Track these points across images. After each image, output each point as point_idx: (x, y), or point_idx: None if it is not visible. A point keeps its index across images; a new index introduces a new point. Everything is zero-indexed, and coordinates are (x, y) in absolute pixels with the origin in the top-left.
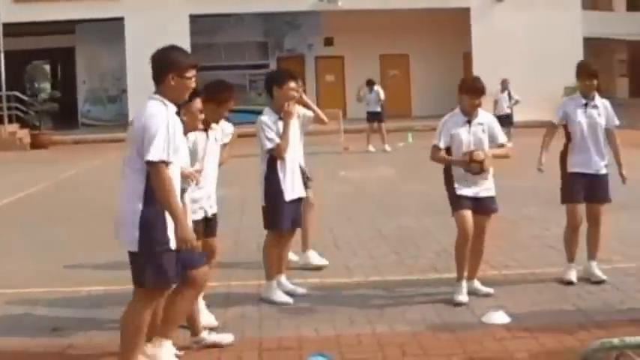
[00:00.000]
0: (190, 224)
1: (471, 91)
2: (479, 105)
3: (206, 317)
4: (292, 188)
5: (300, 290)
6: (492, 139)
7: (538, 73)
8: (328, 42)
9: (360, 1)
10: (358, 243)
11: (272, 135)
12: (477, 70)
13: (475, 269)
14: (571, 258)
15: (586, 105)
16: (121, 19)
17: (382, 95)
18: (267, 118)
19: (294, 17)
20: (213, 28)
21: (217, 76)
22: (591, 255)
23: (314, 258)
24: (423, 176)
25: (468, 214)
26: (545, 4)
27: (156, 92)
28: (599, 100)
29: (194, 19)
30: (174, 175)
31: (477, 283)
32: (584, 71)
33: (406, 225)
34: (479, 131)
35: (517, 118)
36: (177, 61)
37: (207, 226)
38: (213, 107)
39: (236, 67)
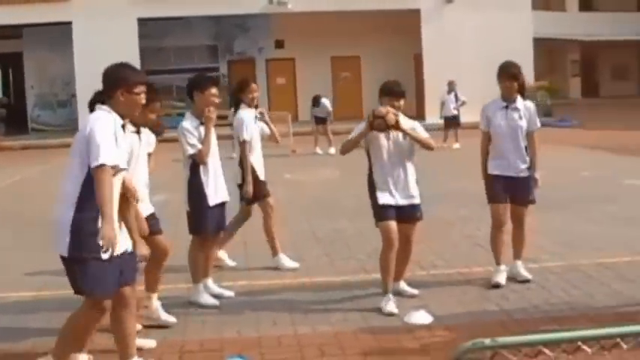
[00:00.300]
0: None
1: (390, 93)
2: (399, 108)
3: None
4: (215, 193)
5: (228, 293)
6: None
7: (489, 74)
8: (279, 44)
9: (310, 3)
10: (291, 245)
11: (194, 140)
12: (427, 72)
13: (402, 272)
14: (498, 261)
15: (506, 107)
16: (68, 24)
17: (329, 107)
18: (188, 123)
19: (244, 20)
20: (162, 32)
21: (167, 80)
22: (516, 255)
23: (285, 261)
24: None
25: (391, 224)
26: (495, 5)
27: (105, 104)
28: (520, 103)
29: (143, 22)
30: (115, 183)
31: (402, 285)
32: (503, 73)
33: (341, 227)
34: (399, 137)
35: (468, 119)
36: (126, 78)
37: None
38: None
39: (186, 70)
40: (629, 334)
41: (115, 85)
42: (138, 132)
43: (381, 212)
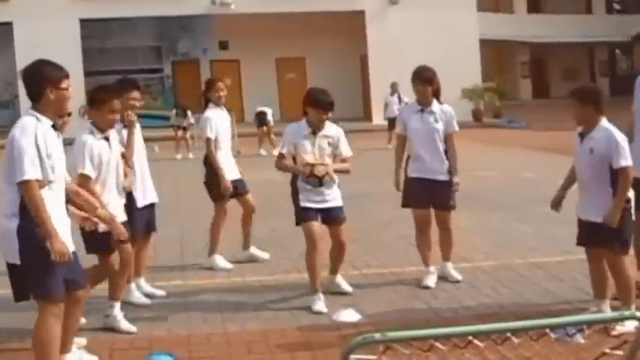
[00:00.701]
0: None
1: (317, 104)
2: (326, 119)
3: None
4: (144, 195)
5: (159, 292)
6: (337, 153)
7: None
8: (223, 46)
9: (253, 5)
10: (227, 245)
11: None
12: (373, 73)
13: (337, 268)
14: (425, 263)
15: (422, 111)
16: (9, 24)
17: (270, 116)
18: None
19: (188, 21)
20: (105, 33)
21: (110, 82)
22: (445, 257)
23: (220, 261)
24: None
25: (314, 224)
26: (440, 6)
27: (33, 108)
28: (437, 107)
29: (85, 23)
30: (54, 193)
31: (339, 279)
32: (416, 77)
33: (279, 227)
34: (324, 143)
35: None
36: (52, 75)
37: None
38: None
39: (129, 71)
40: (518, 329)
41: (42, 85)
42: (107, 138)
43: (302, 214)
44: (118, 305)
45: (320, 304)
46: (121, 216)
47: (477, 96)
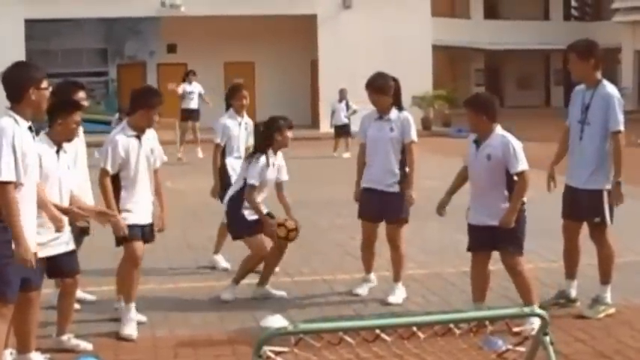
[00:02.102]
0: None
1: (279, 129)
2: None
3: None
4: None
5: (89, 297)
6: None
7: None
8: (171, 49)
9: (203, 7)
10: (162, 252)
11: None
12: (322, 79)
13: (267, 278)
14: (367, 269)
15: (380, 118)
16: None
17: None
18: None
19: (135, 23)
20: (50, 34)
21: (54, 84)
22: (395, 277)
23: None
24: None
25: (262, 237)
26: (394, 12)
27: (11, 109)
28: (394, 114)
29: (30, 24)
30: (27, 194)
31: (268, 288)
32: (368, 86)
33: (214, 235)
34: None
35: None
36: (34, 76)
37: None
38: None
39: (74, 74)
40: (424, 323)
41: (26, 86)
42: (138, 136)
43: (249, 228)
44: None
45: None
46: (148, 218)
47: (426, 104)
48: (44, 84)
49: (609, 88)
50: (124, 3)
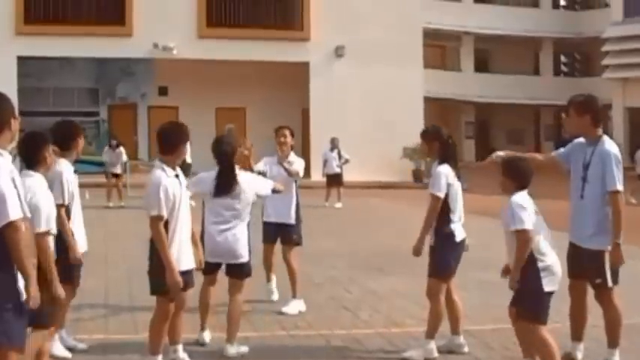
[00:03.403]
0: None
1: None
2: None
3: None
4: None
5: (81, 346)
6: None
7: (377, 132)
8: (162, 91)
9: (196, 51)
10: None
11: None
12: (314, 127)
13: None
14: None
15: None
16: None
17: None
18: None
19: (128, 64)
20: (42, 72)
21: (45, 123)
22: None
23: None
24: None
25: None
26: (386, 62)
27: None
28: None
29: (22, 61)
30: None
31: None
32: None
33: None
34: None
35: (355, 177)
36: (12, 106)
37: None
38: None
39: (65, 113)
40: None
41: (8, 117)
42: (177, 175)
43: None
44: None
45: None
46: (191, 262)
47: (418, 156)
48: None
49: (607, 144)
50: (117, 43)
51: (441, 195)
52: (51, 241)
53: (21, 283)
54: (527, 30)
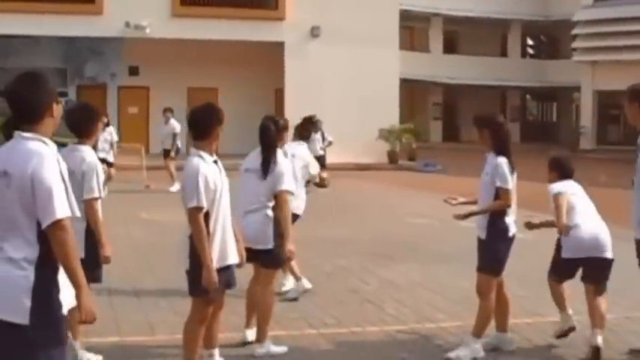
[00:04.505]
0: None
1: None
2: None
3: None
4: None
5: (95, 358)
6: None
7: (353, 113)
8: (133, 71)
9: (170, 30)
10: (162, 295)
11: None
12: (288, 108)
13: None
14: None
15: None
16: None
17: (177, 129)
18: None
19: (97, 43)
20: (7, 51)
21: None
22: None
23: None
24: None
25: None
26: (362, 43)
27: (33, 131)
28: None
29: None
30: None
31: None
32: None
33: None
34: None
35: (331, 159)
36: (53, 90)
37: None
38: None
39: None
40: None
41: (50, 101)
42: (216, 161)
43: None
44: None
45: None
46: (235, 257)
47: (394, 137)
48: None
49: None
50: (87, 22)
51: (510, 187)
52: (99, 205)
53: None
54: (496, 12)
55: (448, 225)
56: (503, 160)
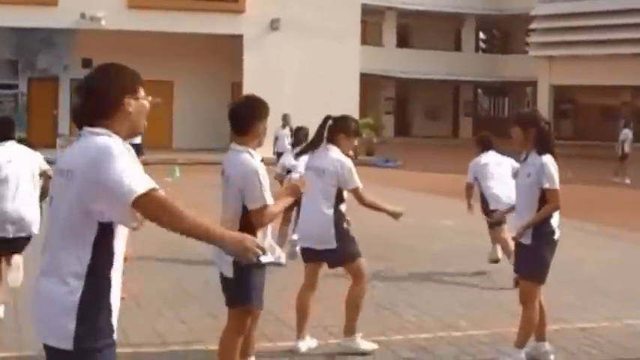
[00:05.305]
0: None
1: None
2: None
3: None
4: None
5: None
6: None
7: (312, 108)
8: (86, 64)
9: (125, 21)
10: (166, 302)
11: None
12: None
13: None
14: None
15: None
16: None
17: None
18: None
19: (49, 35)
20: None
21: None
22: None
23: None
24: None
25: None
26: (323, 37)
27: (98, 126)
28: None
29: None
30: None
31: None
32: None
33: (214, 280)
34: None
35: None
36: (128, 81)
37: None
38: None
39: None
40: None
41: (119, 95)
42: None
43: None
44: None
45: None
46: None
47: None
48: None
49: None
50: (41, 12)
51: (558, 188)
52: None
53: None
54: (451, 6)
55: (426, 223)
56: (549, 160)
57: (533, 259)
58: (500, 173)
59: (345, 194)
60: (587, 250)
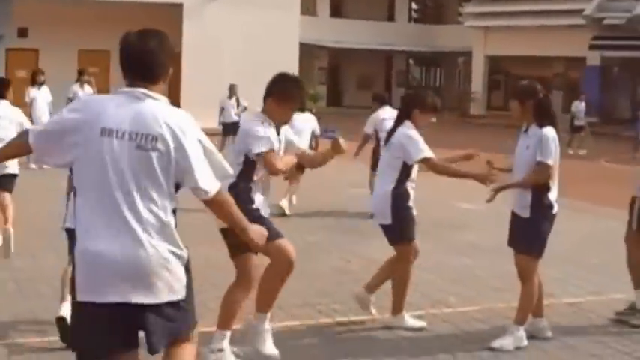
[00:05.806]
0: None
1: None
2: None
3: None
4: None
5: None
6: None
7: (253, 78)
8: (22, 33)
9: None
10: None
11: None
12: (186, 73)
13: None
14: None
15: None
16: None
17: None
18: None
19: None
20: None
21: None
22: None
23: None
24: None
25: None
26: (262, 6)
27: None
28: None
29: None
30: None
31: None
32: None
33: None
34: None
35: None
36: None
37: None
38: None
39: None
40: None
41: (169, 65)
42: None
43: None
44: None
45: None
46: None
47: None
48: None
49: None
50: None
51: (552, 163)
52: None
53: None
54: None
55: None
56: (549, 133)
57: (531, 232)
58: None
59: (415, 171)
60: (558, 225)
